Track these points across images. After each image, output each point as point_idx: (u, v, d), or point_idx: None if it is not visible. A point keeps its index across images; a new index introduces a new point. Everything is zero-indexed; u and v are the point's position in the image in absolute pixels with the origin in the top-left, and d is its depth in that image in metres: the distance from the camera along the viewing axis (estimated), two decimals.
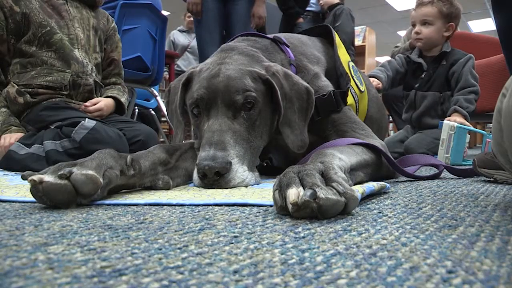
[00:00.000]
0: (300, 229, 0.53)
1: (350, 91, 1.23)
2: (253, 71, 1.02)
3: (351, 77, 1.27)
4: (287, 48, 1.21)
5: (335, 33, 1.38)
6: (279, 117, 1.05)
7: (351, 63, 1.37)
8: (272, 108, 1.06)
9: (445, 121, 1.89)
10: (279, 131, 1.07)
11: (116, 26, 1.92)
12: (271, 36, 1.23)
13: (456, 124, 1.84)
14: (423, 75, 2.33)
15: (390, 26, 9.63)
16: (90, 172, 0.69)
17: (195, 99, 1.01)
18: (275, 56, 1.17)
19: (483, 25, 9.41)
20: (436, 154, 2.07)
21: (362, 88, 1.36)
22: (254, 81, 1.00)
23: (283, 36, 1.27)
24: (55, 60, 1.59)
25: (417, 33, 2.30)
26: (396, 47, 3.69)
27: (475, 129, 2.01)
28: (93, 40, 1.75)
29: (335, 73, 1.28)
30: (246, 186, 0.92)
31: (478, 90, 2.18)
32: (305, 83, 1.08)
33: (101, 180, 0.71)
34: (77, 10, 1.72)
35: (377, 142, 1.09)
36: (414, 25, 2.38)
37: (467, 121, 2.07)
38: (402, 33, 8.20)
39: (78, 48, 1.66)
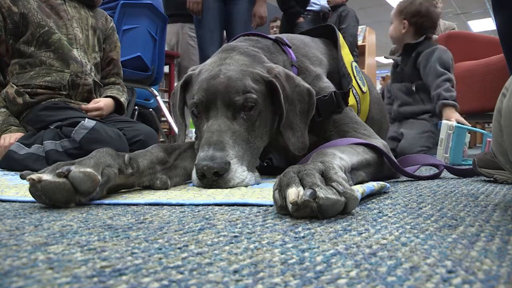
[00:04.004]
0: (300, 229, 0.53)
1: (352, 91, 1.23)
2: (254, 72, 1.01)
3: (353, 78, 1.27)
4: (289, 49, 1.21)
5: (339, 33, 1.37)
6: (280, 118, 1.05)
7: (354, 64, 1.36)
8: (273, 109, 1.05)
9: (444, 121, 1.88)
10: (279, 131, 1.07)
11: (114, 25, 1.92)
12: (273, 36, 1.23)
13: (455, 124, 1.84)
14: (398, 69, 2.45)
15: (390, 26, 9.62)
16: (88, 170, 0.69)
17: (195, 100, 1.01)
18: (276, 56, 1.17)
19: (483, 25, 9.42)
20: (429, 147, 2.08)
21: (364, 89, 1.36)
22: (255, 82, 1.00)
23: (285, 36, 1.27)
24: (54, 60, 1.59)
25: None
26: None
27: (474, 128, 1.99)
28: (92, 39, 1.75)
29: (338, 74, 1.27)
30: (246, 186, 0.92)
31: (451, 78, 2.19)
32: (306, 85, 1.08)
33: (99, 177, 0.71)
34: (75, 10, 1.72)
35: (378, 142, 1.09)
36: None
37: (456, 111, 2.08)
38: None
39: (76, 48, 1.66)
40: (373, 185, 0.82)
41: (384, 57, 2.62)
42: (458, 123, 1.93)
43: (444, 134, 1.83)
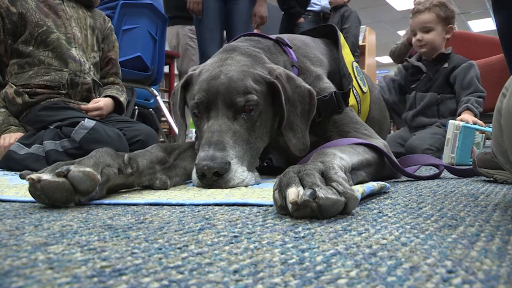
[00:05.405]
0: (300, 229, 0.53)
1: (353, 91, 1.23)
2: (255, 73, 1.01)
3: (354, 78, 1.27)
4: (290, 50, 1.21)
5: (340, 33, 1.37)
6: (280, 119, 1.05)
7: (355, 64, 1.36)
8: (274, 109, 1.05)
9: (451, 121, 1.87)
10: (279, 132, 1.07)
11: (112, 26, 1.92)
12: (274, 36, 1.23)
13: (461, 124, 1.83)
14: (422, 77, 2.36)
15: (390, 26, 9.63)
16: (88, 169, 0.69)
17: (195, 100, 1.01)
18: (277, 57, 1.17)
19: (483, 25, 9.41)
20: (438, 148, 2.06)
21: (365, 89, 1.36)
22: (256, 83, 1.00)
23: (286, 37, 1.27)
24: (52, 59, 1.59)
25: (419, 40, 2.32)
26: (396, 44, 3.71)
27: (484, 128, 1.92)
28: (90, 39, 1.75)
29: (339, 74, 1.27)
30: (246, 186, 0.92)
31: (485, 97, 2.21)
32: (307, 86, 1.08)
33: (98, 177, 0.71)
34: (73, 10, 1.72)
35: (379, 142, 1.09)
36: (415, 34, 2.38)
37: (477, 119, 2.07)
38: (402, 33, 8.21)
39: (75, 47, 1.66)
40: (373, 185, 0.82)
41: (406, 59, 2.53)
42: (474, 123, 1.92)
43: (451, 134, 1.82)
